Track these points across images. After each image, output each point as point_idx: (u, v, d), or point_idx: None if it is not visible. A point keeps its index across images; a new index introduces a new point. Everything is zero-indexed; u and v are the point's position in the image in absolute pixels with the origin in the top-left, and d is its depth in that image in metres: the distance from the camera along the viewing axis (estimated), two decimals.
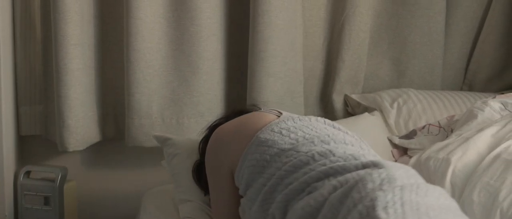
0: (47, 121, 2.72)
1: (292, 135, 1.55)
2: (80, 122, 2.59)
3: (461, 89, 2.91)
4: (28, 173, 2.64)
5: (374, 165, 1.35)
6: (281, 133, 1.57)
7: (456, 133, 1.92)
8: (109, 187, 2.87)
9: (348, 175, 1.34)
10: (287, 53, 2.61)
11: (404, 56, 2.83)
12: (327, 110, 2.84)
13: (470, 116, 2.01)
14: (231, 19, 2.68)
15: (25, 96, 2.72)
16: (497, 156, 1.68)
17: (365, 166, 1.37)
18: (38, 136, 2.77)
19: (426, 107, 2.55)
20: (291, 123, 1.61)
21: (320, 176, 1.39)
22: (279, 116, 1.70)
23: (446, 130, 2.14)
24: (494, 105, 2.02)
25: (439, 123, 2.21)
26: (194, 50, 2.60)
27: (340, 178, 1.34)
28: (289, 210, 1.37)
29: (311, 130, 1.59)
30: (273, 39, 2.56)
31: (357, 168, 1.37)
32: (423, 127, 2.21)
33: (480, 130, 1.83)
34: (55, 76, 2.55)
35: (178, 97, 2.64)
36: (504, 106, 2.03)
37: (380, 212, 1.16)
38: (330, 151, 1.47)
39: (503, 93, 2.25)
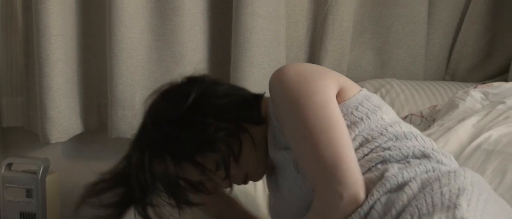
0: (29, 112, 2.71)
1: (390, 113, 1.52)
2: (62, 113, 2.58)
3: (444, 79, 2.92)
4: (9, 165, 2.63)
5: (467, 171, 1.36)
6: (382, 99, 1.55)
7: (438, 122, 1.93)
8: (92, 179, 2.85)
9: (443, 167, 1.36)
10: (271, 44, 2.60)
11: (387, 46, 2.83)
12: None
13: (451, 106, 2.02)
14: (214, 9, 2.67)
15: (7, 87, 2.70)
16: (478, 146, 1.68)
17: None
18: (20, 128, 2.75)
19: (408, 97, 2.56)
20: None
21: (419, 154, 1.38)
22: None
23: (428, 119, 2.15)
24: (475, 95, 2.03)
25: (421, 113, 2.21)
26: (177, 40, 2.60)
27: (435, 165, 1.36)
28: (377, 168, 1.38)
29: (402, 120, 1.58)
30: (256, 29, 2.56)
31: (450, 166, 1.39)
32: (406, 117, 2.22)
33: (462, 119, 1.83)
34: (37, 67, 2.54)
35: None
36: (485, 96, 2.03)
37: (462, 201, 1.19)
38: (431, 141, 1.48)
39: (484, 83, 2.26)
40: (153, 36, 2.61)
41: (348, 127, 1.40)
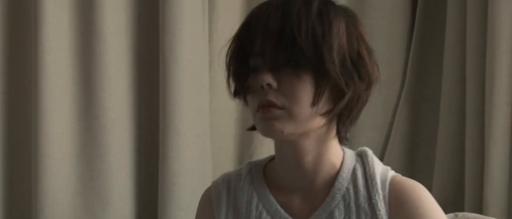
0: None
1: None
2: None
3: None
4: None
5: None
6: None
7: None
8: None
9: None
10: (197, 187, 2.62)
11: None
12: None
13: None
14: (141, 154, 2.69)
15: None
16: None
17: None
18: None
19: None
20: None
21: None
22: None
23: None
24: None
25: None
26: (104, 186, 2.59)
27: None
28: None
29: None
30: (183, 172, 2.59)
31: None
32: None
33: None
34: None
35: None
36: None
37: None
38: None
39: None
40: (79, 182, 2.60)
41: None
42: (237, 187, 1.49)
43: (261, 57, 1.33)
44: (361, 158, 1.46)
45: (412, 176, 2.97)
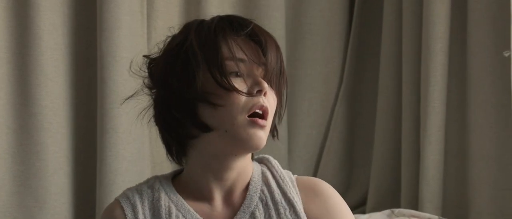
0: None
1: None
2: None
3: None
4: None
5: None
6: None
7: None
8: None
9: None
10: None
11: None
12: None
13: None
14: (78, 152, 2.67)
15: None
16: None
17: None
18: None
19: None
20: None
21: None
22: None
23: None
24: None
25: None
26: (41, 185, 2.56)
27: None
28: None
29: None
30: (121, 171, 2.57)
31: None
32: None
33: None
34: None
35: None
36: None
37: None
38: None
39: None
40: (15, 181, 2.56)
41: None
42: (152, 198, 1.55)
43: (263, 66, 1.47)
44: (265, 163, 1.60)
45: (349, 173, 3.05)
